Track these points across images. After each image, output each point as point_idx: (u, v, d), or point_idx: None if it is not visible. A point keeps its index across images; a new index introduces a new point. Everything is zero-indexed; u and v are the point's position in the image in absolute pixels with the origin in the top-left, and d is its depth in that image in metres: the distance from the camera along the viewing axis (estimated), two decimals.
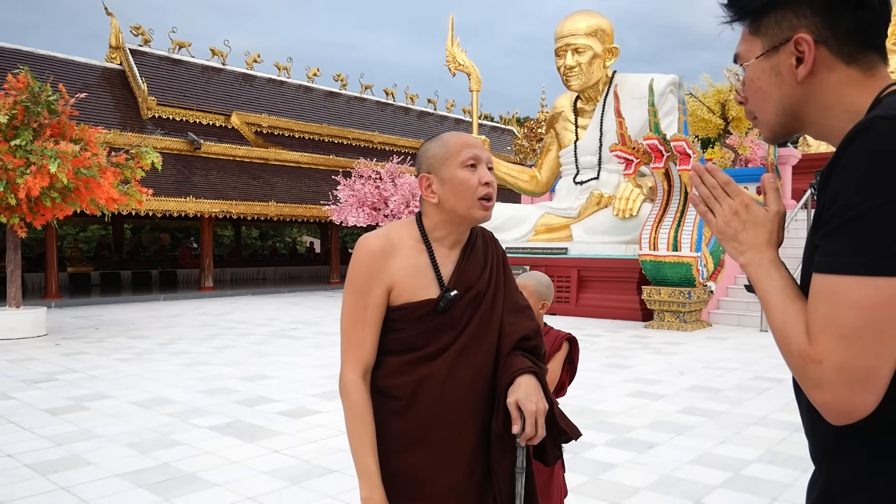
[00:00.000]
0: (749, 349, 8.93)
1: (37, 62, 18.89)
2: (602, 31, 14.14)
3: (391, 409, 1.65)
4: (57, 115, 10.37)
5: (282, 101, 25.00)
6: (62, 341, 10.01)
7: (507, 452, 1.68)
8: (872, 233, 0.87)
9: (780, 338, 0.99)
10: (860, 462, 0.98)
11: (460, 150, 1.67)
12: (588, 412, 5.61)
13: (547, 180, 16.23)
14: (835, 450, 1.02)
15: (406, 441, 1.65)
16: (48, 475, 4.15)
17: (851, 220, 0.89)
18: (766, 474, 4.11)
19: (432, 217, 1.71)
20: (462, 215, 1.67)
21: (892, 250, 0.86)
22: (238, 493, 3.84)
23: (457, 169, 1.66)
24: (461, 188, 1.65)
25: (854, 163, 0.90)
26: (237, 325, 12.16)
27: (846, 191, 0.90)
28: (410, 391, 1.64)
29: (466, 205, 1.66)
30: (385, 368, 1.67)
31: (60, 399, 6.22)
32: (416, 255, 1.67)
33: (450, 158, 1.67)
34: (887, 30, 1.07)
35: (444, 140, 1.71)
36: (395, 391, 1.65)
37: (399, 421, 1.65)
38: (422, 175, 1.70)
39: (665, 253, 11.04)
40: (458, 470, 1.66)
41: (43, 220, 10.27)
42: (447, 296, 1.66)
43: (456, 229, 1.71)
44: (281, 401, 6.12)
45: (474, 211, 1.67)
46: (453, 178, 1.66)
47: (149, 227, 31.25)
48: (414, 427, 1.64)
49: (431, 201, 1.69)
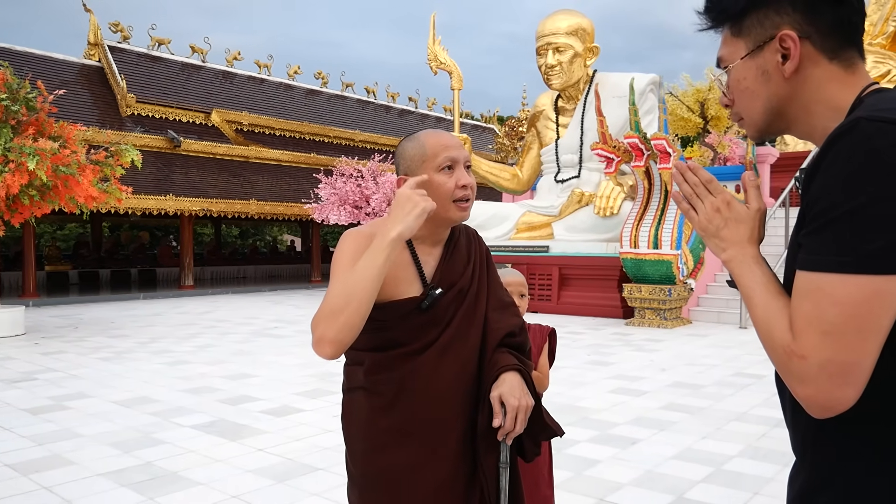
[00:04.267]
0: (729, 346, 9.04)
1: (14, 58, 18.63)
2: (583, 31, 14.22)
3: (376, 406, 1.65)
4: (35, 112, 10.24)
5: (262, 98, 24.87)
6: (41, 340, 9.90)
7: (493, 448, 1.70)
8: (855, 232, 0.90)
9: (764, 333, 1.01)
10: (840, 453, 1.01)
11: (437, 152, 1.66)
12: (571, 409, 5.65)
13: (528, 179, 16.29)
14: (816, 442, 1.05)
15: (392, 437, 1.65)
16: (30, 475, 4.12)
17: (835, 219, 0.91)
18: (747, 469, 4.17)
19: None
20: (440, 217, 1.68)
21: (873, 249, 0.89)
22: (222, 492, 3.83)
23: (433, 172, 1.66)
24: (438, 191, 1.65)
25: (838, 163, 0.92)
26: (218, 323, 12.09)
27: (830, 190, 0.92)
28: (395, 387, 1.64)
29: (444, 207, 1.67)
30: (368, 365, 1.66)
31: (41, 398, 6.16)
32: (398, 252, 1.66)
33: (426, 161, 1.67)
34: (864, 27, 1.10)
35: (421, 141, 1.69)
36: (380, 387, 1.65)
37: (384, 418, 1.65)
38: (399, 177, 1.70)
39: (646, 251, 11.13)
40: (445, 465, 1.67)
41: (21, 219, 10.14)
42: (432, 293, 1.66)
43: (435, 229, 1.72)
44: (264, 399, 6.11)
45: (451, 213, 1.68)
46: (431, 181, 1.66)
47: (128, 226, 30.94)
48: (399, 423, 1.64)
49: None
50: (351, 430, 1.71)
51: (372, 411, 1.65)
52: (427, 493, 1.65)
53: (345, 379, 1.76)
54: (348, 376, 1.74)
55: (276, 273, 27.17)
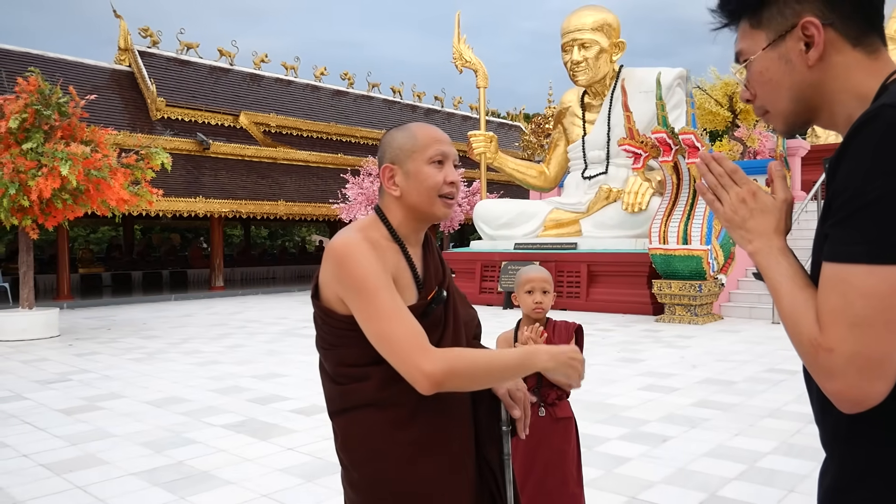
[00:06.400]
0: (761, 341, 8.90)
1: (47, 65, 19.00)
2: (608, 26, 14.10)
3: (394, 420, 1.54)
4: (67, 117, 10.44)
5: (289, 100, 25.06)
6: (75, 342, 10.08)
7: (495, 441, 1.71)
8: (880, 221, 0.88)
9: (790, 326, 0.99)
10: (871, 449, 0.98)
11: (429, 144, 1.60)
12: (601, 406, 5.61)
13: (555, 176, 16.21)
14: (846, 437, 1.02)
15: (416, 449, 1.55)
16: (64, 474, 4.19)
17: (860, 208, 0.89)
18: (781, 466, 4.10)
19: (395, 213, 1.63)
20: (424, 212, 1.61)
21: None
22: (253, 491, 3.86)
23: (423, 164, 1.59)
24: (426, 184, 1.58)
25: (862, 152, 0.90)
26: (248, 324, 12.21)
27: (854, 180, 0.90)
28: (415, 397, 1.49)
29: (429, 201, 1.59)
30: (377, 380, 1.53)
31: (74, 399, 6.27)
32: (394, 255, 1.58)
33: (417, 152, 1.59)
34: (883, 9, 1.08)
35: (413, 131, 1.62)
36: (397, 399, 1.53)
37: (403, 431, 1.54)
38: (385, 165, 1.61)
39: (675, 246, 11.01)
40: (468, 469, 1.64)
41: (54, 222, 10.34)
42: (440, 296, 1.61)
43: (418, 226, 1.65)
44: (294, 398, 6.15)
45: (437, 208, 1.60)
46: (419, 172, 1.58)
47: (159, 228, 31.42)
48: (420, 434, 1.55)
49: (393, 194, 1.61)
50: (360, 451, 1.56)
51: (388, 426, 1.54)
52: (458, 499, 1.60)
53: (337, 399, 1.59)
54: (345, 395, 1.57)
55: (304, 273, 27.36)
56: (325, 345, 1.59)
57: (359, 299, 1.46)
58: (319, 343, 1.62)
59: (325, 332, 1.58)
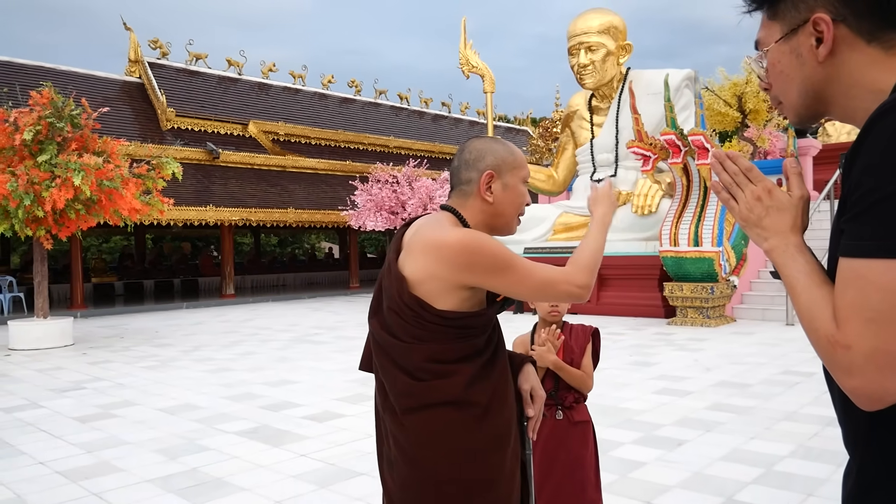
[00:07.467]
0: (776, 343, 8.84)
1: (59, 78, 19.18)
2: (615, 29, 14.09)
3: (471, 418, 1.61)
4: (80, 128, 10.52)
5: (297, 108, 25.17)
6: (89, 350, 10.13)
7: (519, 437, 1.78)
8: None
9: (808, 323, 0.98)
10: (892, 449, 0.97)
11: (524, 165, 1.75)
12: (615, 410, 5.58)
13: (564, 179, 16.18)
14: (868, 436, 1.01)
15: (490, 443, 1.64)
16: (80, 482, 4.20)
17: (877, 202, 0.88)
18: (799, 469, 4.06)
19: (475, 216, 1.71)
20: (504, 223, 1.74)
21: None
22: (266, 497, 3.86)
23: (519, 181, 1.73)
24: (518, 200, 1.72)
25: (878, 146, 0.89)
26: (259, 331, 12.24)
27: (871, 172, 0.89)
28: (489, 395, 1.63)
29: (513, 216, 1.74)
30: (460, 377, 1.60)
31: (89, 407, 6.30)
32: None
33: (517, 169, 1.72)
34: None
35: (511, 148, 1.75)
36: (476, 397, 1.61)
37: (478, 429, 1.62)
38: (489, 171, 1.69)
39: (686, 248, 10.96)
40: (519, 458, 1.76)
41: (68, 232, 10.42)
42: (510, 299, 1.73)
43: (488, 233, 1.72)
44: (306, 405, 6.16)
45: (513, 224, 1.76)
46: (515, 187, 1.72)
47: (170, 237, 31.55)
48: (492, 429, 1.64)
49: (487, 199, 1.70)
50: (442, 449, 1.61)
51: (467, 423, 1.61)
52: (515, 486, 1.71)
53: (416, 395, 1.62)
54: (426, 392, 1.61)
55: (314, 280, 27.42)
56: (412, 339, 1.62)
57: (505, 272, 1.58)
58: (403, 337, 1.63)
59: (414, 325, 1.62)
